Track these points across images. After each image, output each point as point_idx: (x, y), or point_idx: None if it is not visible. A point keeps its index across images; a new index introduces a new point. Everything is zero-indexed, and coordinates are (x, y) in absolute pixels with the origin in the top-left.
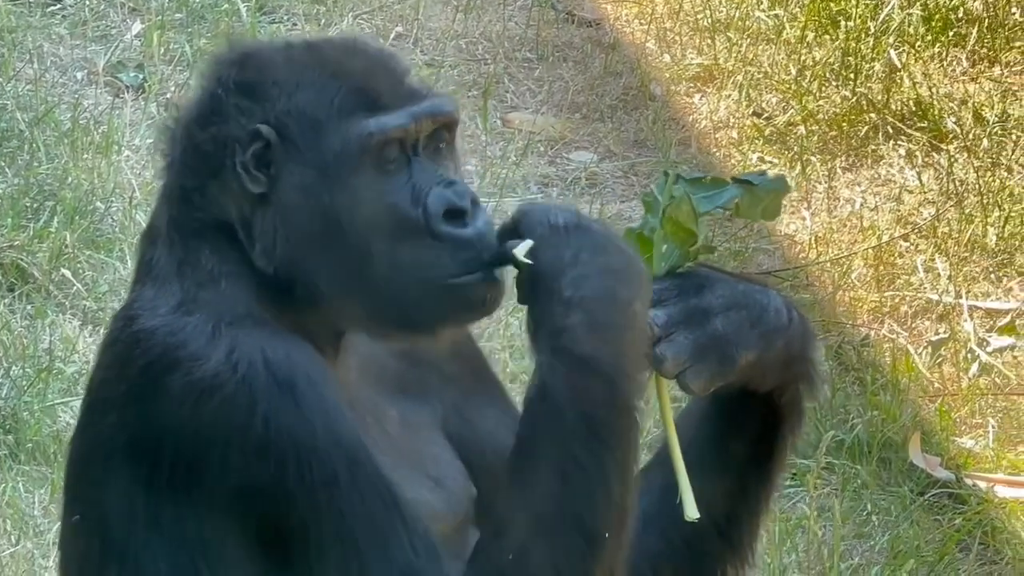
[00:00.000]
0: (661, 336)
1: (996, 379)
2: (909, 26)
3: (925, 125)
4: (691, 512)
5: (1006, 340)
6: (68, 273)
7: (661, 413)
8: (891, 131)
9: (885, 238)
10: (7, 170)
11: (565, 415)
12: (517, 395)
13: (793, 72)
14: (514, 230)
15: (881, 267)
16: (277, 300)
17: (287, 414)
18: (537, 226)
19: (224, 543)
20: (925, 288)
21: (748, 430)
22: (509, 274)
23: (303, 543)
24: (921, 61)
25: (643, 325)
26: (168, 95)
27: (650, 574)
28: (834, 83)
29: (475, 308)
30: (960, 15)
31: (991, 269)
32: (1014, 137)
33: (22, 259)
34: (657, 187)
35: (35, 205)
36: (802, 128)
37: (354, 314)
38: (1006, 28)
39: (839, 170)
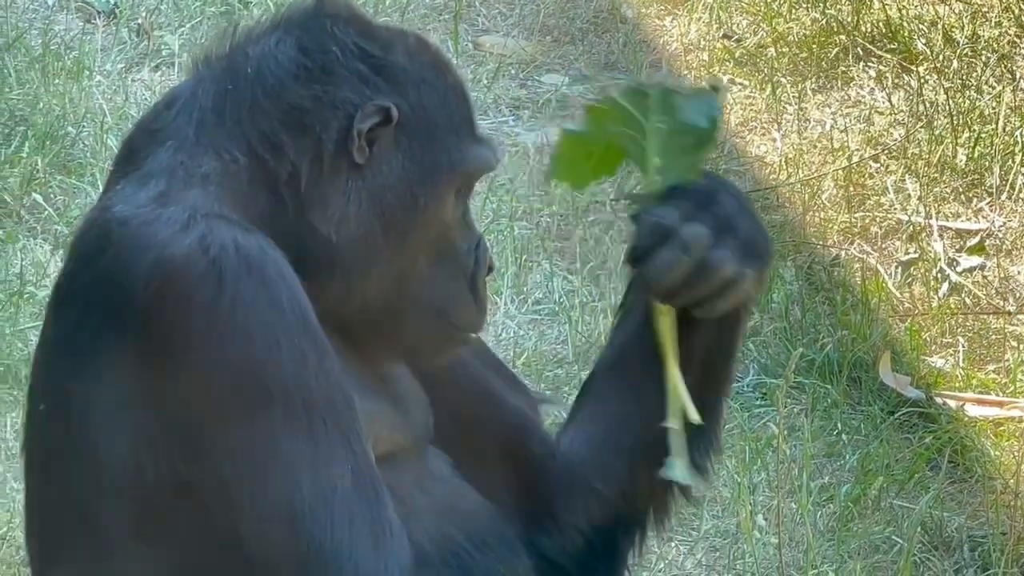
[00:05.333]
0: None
1: (966, 299)
2: None
3: (895, 47)
4: (694, 416)
5: (975, 260)
6: (39, 198)
7: (660, 331)
8: (861, 53)
9: (855, 159)
10: None
11: None
12: None
13: None
14: None
15: (851, 188)
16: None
17: (256, 296)
18: None
19: (188, 423)
20: (895, 208)
21: (707, 323)
22: None
23: (264, 418)
24: None
25: None
26: (139, 20)
27: (626, 471)
28: (804, 5)
29: (447, 357)
30: None
31: (961, 190)
32: (983, 58)
33: None
34: (624, 94)
35: (6, 131)
36: (772, 50)
37: (363, 308)
38: None
39: (809, 92)
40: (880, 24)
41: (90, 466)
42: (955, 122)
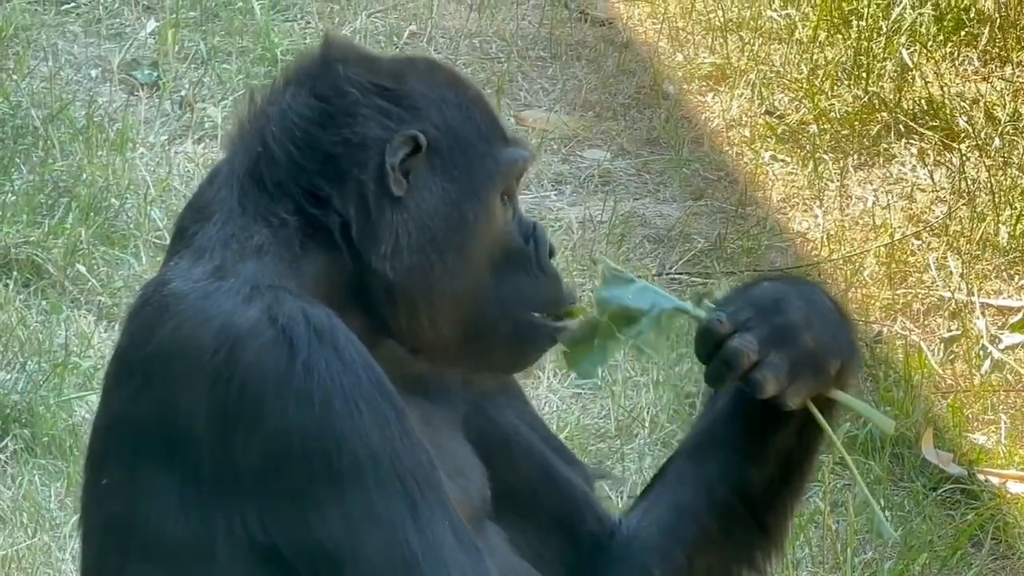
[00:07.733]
0: (758, 359)
1: (1008, 376)
2: (921, 26)
3: (937, 124)
4: (889, 533)
5: (1018, 337)
6: (83, 269)
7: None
8: (903, 130)
9: (897, 236)
10: (22, 167)
11: None
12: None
13: (805, 71)
14: None
15: (893, 265)
16: (331, 293)
17: (330, 362)
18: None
19: (266, 491)
20: (937, 286)
21: (793, 422)
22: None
23: (355, 483)
24: (933, 61)
25: None
26: (182, 93)
27: (685, 561)
28: (846, 82)
29: (545, 346)
30: (972, 15)
31: (1003, 267)
32: None
33: (37, 255)
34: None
35: (50, 201)
36: (814, 127)
37: (436, 335)
38: (1017, 28)
39: (851, 168)
40: (922, 101)
41: (154, 538)
42: (997, 199)
